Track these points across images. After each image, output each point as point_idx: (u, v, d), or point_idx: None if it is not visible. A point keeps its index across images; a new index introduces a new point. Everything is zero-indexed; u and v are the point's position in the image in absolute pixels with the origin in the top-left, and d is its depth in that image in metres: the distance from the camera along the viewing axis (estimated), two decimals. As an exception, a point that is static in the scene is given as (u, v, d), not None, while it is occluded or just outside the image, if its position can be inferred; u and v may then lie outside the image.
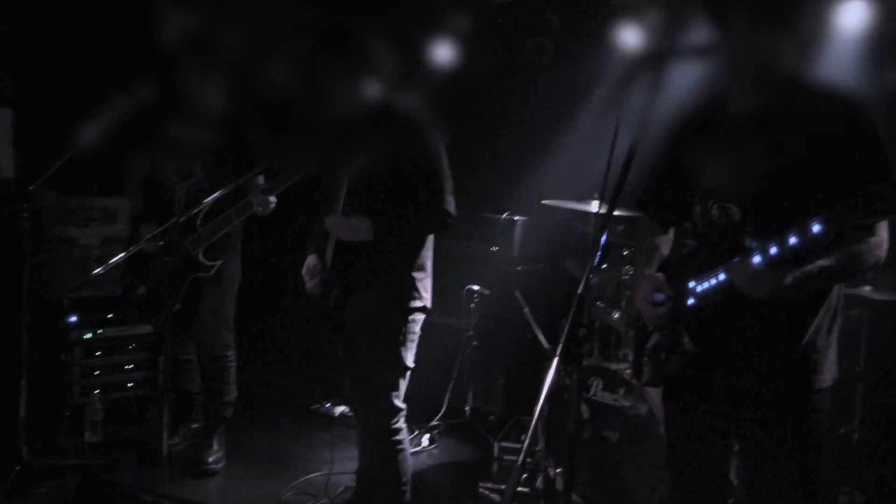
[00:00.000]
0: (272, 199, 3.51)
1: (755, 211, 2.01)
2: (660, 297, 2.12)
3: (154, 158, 3.83)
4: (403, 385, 3.03)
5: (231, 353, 3.91)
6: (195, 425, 4.18)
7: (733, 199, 2.07)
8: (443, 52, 4.98)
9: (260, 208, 3.53)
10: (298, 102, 3.32)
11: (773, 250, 1.77)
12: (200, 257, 3.67)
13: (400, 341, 2.99)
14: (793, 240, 1.75)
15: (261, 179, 3.82)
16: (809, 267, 1.86)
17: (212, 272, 3.72)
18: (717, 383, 2.11)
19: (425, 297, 3.06)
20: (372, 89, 2.96)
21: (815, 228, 1.72)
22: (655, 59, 2.03)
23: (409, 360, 3.02)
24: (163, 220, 3.37)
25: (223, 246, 3.77)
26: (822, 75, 2.04)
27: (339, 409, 4.79)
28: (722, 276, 1.97)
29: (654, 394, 3.34)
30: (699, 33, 2.11)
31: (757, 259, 1.79)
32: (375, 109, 2.90)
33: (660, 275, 2.18)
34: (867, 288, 3.64)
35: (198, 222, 3.64)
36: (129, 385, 4.42)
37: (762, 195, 2.00)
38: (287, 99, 3.32)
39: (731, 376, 2.08)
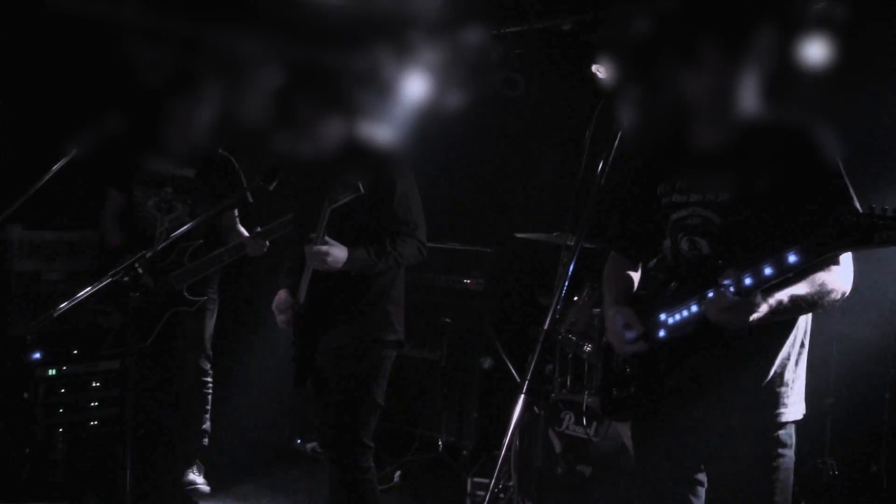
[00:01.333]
0: (266, 242, 3.59)
1: (724, 243, 2.02)
2: (631, 334, 2.12)
3: (132, 192, 3.80)
4: (373, 422, 2.99)
5: (208, 381, 3.95)
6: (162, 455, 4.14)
7: (702, 233, 2.08)
8: (414, 87, 5.02)
9: (253, 251, 3.62)
10: (275, 137, 3.34)
11: (748, 281, 1.77)
12: (185, 293, 3.67)
13: (372, 377, 2.96)
14: (768, 270, 1.76)
15: (235, 214, 3.84)
16: (781, 296, 1.86)
17: (195, 307, 3.71)
18: (686, 416, 2.11)
19: (399, 331, 3.05)
20: (346, 125, 2.97)
21: (791, 259, 1.72)
22: (624, 94, 2.05)
23: (380, 397, 2.99)
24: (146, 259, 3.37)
25: (205, 281, 3.80)
26: (786, 113, 2.08)
27: (311, 445, 4.72)
28: (694, 308, 1.97)
29: (623, 428, 3.33)
30: (667, 68, 2.14)
31: (731, 291, 1.78)
32: (351, 144, 2.92)
33: (630, 310, 2.18)
34: (835, 320, 3.67)
35: (186, 257, 3.66)
36: (93, 423, 4.32)
37: (730, 228, 2.02)
38: (264, 134, 3.33)
39: (699, 408, 2.08)
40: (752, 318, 1.83)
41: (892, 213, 1.60)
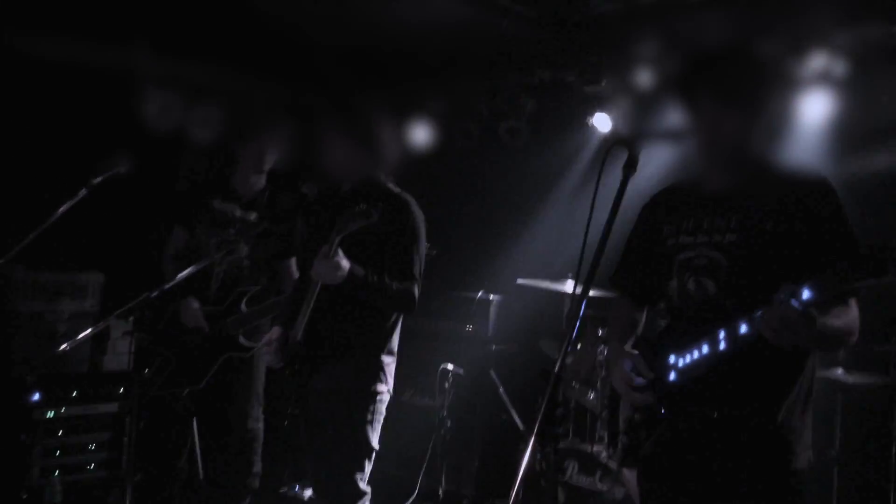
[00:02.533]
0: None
1: (731, 284, 2.04)
2: (640, 381, 2.12)
3: (195, 230, 3.79)
4: (368, 467, 2.95)
5: (260, 426, 3.89)
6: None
7: (708, 273, 2.10)
8: (421, 133, 5.09)
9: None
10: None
11: (807, 294, 1.75)
12: (241, 339, 3.63)
13: (367, 420, 2.93)
14: (807, 294, 1.75)
15: (293, 261, 3.79)
16: (823, 321, 1.85)
17: (248, 354, 3.68)
18: (694, 463, 2.09)
19: (390, 383, 3.02)
20: (365, 163, 3.03)
21: (805, 294, 1.72)
22: (629, 142, 2.09)
23: (375, 440, 2.96)
24: (197, 292, 3.43)
25: (260, 327, 3.73)
26: (788, 160, 2.13)
27: (308, 492, 4.65)
28: (705, 349, 1.98)
29: (631, 476, 3.28)
30: (671, 117, 2.19)
31: (795, 303, 1.77)
32: (366, 183, 2.96)
33: (639, 355, 2.18)
34: (839, 371, 3.66)
35: (243, 303, 3.63)
36: (90, 466, 4.26)
37: (737, 270, 2.04)
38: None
39: (710, 455, 2.07)
40: (809, 334, 1.79)
41: None
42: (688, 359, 2.02)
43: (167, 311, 3.62)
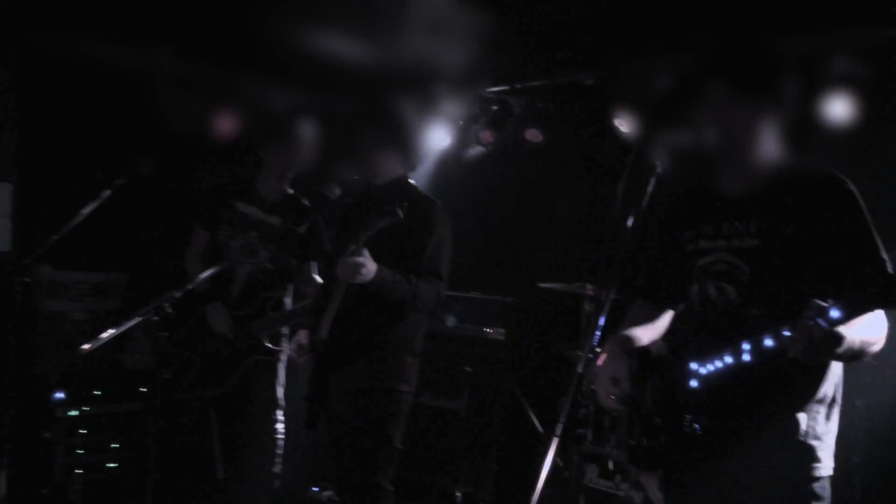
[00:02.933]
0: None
1: (752, 290, 2.03)
2: (616, 391, 2.16)
3: (217, 231, 3.81)
4: (391, 467, 2.97)
5: (281, 427, 3.88)
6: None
7: (729, 279, 2.09)
8: (441, 136, 5.10)
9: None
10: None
11: (835, 314, 1.73)
12: (266, 342, 3.64)
13: (389, 420, 2.95)
14: (836, 312, 1.74)
15: (313, 266, 3.81)
16: (855, 335, 1.82)
17: (274, 357, 3.70)
18: (717, 468, 2.08)
19: (413, 383, 3.05)
20: (394, 165, 3.08)
21: (833, 314, 1.71)
22: (649, 143, 2.08)
23: (397, 440, 2.97)
24: (223, 296, 3.47)
25: (280, 331, 3.76)
26: (810, 162, 2.11)
27: (327, 493, 4.67)
28: (728, 360, 1.96)
29: (650, 480, 3.27)
30: (690, 117, 2.18)
31: (823, 322, 1.76)
32: (395, 185, 3.01)
33: (625, 364, 2.19)
34: (863, 377, 3.63)
35: (268, 308, 3.66)
36: (112, 465, 4.30)
37: (759, 276, 2.03)
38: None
39: (731, 461, 2.06)
40: (836, 352, 1.78)
41: None
42: (710, 367, 2.01)
43: (191, 312, 3.64)
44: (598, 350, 3.83)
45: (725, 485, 2.07)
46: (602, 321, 1.94)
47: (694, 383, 2.05)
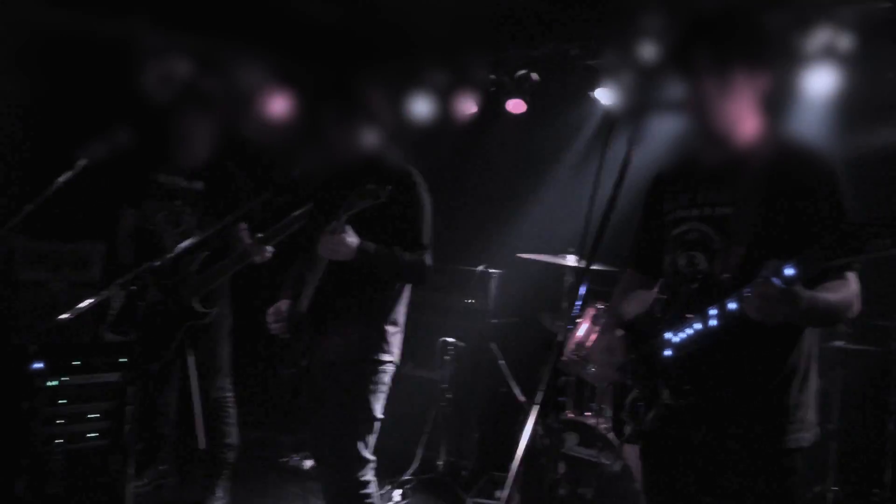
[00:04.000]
0: (269, 248, 3.58)
1: (720, 258, 2.04)
2: (623, 363, 2.17)
3: (141, 206, 3.80)
4: (372, 437, 2.98)
5: (230, 396, 3.91)
6: (162, 467, 4.15)
7: (701, 248, 2.10)
8: (421, 106, 5.06)
9: (257, 257, 3.58)
10: (296, 150, 3.37)
11: (789, 272, 1.73)
12: (196, 305, 3.65)
13: (370, 390, 2.95)
14: (790, 270, 1.74)
15: (244, 226, 3.81)
16: (816, 296, 1.84)
17: (207, 320, 3.71)
18: (694, 439, 2.11)
19: (395, 353, 3.03)
20: (367, 138, 3.01)
21: (787, 271, 1.71)
22: (633, 114, 2.08)
23: (379, 410, 2.98)
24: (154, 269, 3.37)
25: (217, 293, 3.79)
26: (790, 135, 2.11)
27: (309, 462, 4.69)
28: (697, 326, 1.97)
29: (630, 450, 3.32)
30: (672, 88, 2.17)
31: (777, 280, 1.76)
32: (369, 158, 2.95)
33: (619, 336, 2.20)
34: (839, 343, 3.68)
35: (193, 270, 3.66)
36: (92, 434, 4.29)
37: (727, 242, 2.04)
38: (286, 147, 3.37)
39: (708, 432, 2.08)
40: (792, 311, 1.78)
41: (884, 220, 1.58)
42: (683, 335, 2.02)
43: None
44: (578, 320, 3.87)
45: (700, 456, 2.10)
46: (582, 292, 1.95)
47: (668, 352, 2.06)
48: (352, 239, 2.80)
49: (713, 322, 1.92)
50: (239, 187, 3.86)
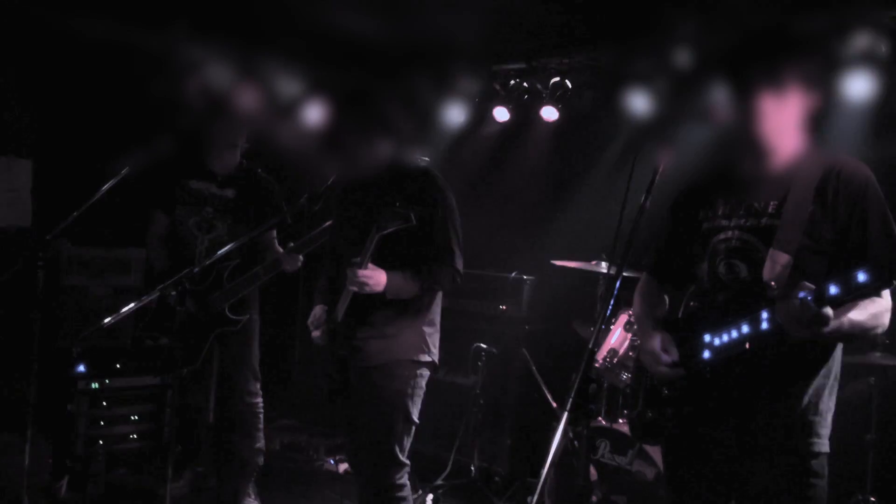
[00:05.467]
0: (300, 257, 3.65)
1: (765, 267, 2.05)
2: (666, 358, 2.15)
3: (173, 212, 3.89)
4: (408, 440, 3.01)
5: (259, 401, 3.98)
6: (199, 469, 4.23)
7: (742, 256, 2.11)
8: (454, 114, 5.09)
9: (288, 267, 3.66)
10: (320, 160, 3.42)
11: (832, 291, 1.76)
12: (227, 312, 3.74)
13: (407, 394, 2.98)
14: (834, 288, 1.76)
15: (273, 234, 3.91)
16: (844, 316, 1.88)
17: (238, 326, 3.79)
18: (718, 441, 2.12)
19: (434, 353, 3.07)
20: (389, 148, 3.05)
21: (861, 278, 1.73)
22: (664, 123, 2.09)
23: (415, 414, 3.01)
24: (185, 274, 3.44)
25: (247, 300, 3.85)
26: (829, 143, 2.11)
27: (344, 465, 4.74)
28: (745, 329, 1.99)
29: (654, 453, 3.31)
30: (708, 99, 2.18)
31: (812, 301, 1.79)
32: (395, 167, 2.99)
33: (668, 335, 2.20)
34: (877, 355, 3.63)
35: (224, 277, 3.74)
36: (133, 437, 4.40)
37: (772, 252, 2.05)
38: (310, 156, 3.41)
39: (734, 434, 2.09)
40: (824, 331, 1.82)
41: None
42: (725, 338, 2.04)
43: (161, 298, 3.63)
44: (610, 327, 3.86)
45: (724, 458, 2.11)
46: (613, 300, 1.97)
47: (707, 354, 2.08)
48: (379, 277, 2.85)
49: (765, 325, 1.95)
50: (269, 195, 3.93)
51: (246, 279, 3.73)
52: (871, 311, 1.95)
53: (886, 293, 2.00)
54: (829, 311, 1.78)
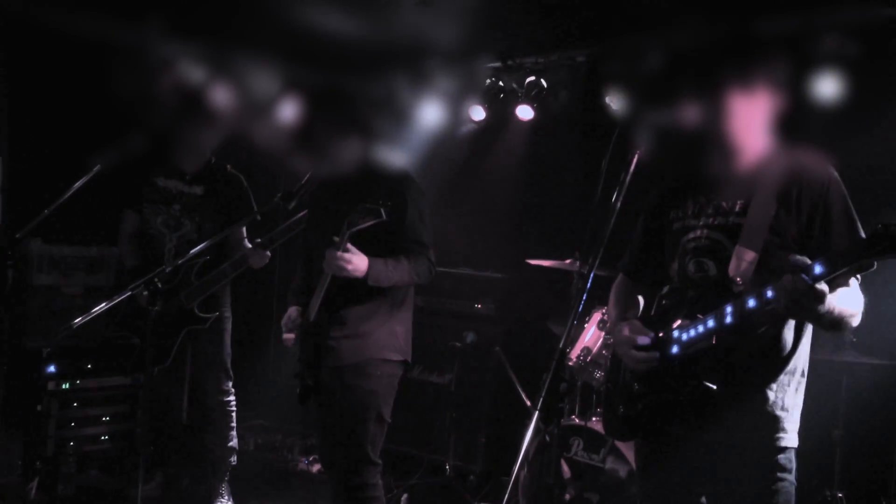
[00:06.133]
0: (267, 253, 3.61)
1: (732, 265, 2.07)
2: (643, 339, 2.16)
3: (142, 210, 3.85)
4: (380, 440, 3.01)
5: (231, 399, 3.95)
6: (171, 470, 4.20)
7: (710, 255, 2.13)
8: (430, 113, 5.10)
9: (255, 263, 3.63)
10: (293, 158, 3.40)
11: (818, 269, 1.78)
12: (196, 310, 3.71)
13: (380, 393, 2.98)
14: (819, 268, 1.79)
15: (243, 231, 3.88)
16: (833, 300, 1.88)
17: (207, 324, 3.76)
18: (687, 437, 2.14)
19: (406, 352, 3.08)
20: (363, 147, 3.05)
21: (818, 269, 1.77)
22: (638, 122, 2.11)
23: (387, 413, 3.02)
24: (155, 273, 3.38)
25: (217, 297, 3.83)
26: (796, 143, 2.14)
27: (318, 466, 4.73)
28: (710, 324, 2.01)
29: (627, 449, 3.34)
30: (680, 100, 2.20)
31: (806, 277, 1.80)
32: (366, 165, 2.99)
33: (639, 323, 2.23)
34: (847, 354, 3.69)
35: (192, 275, 3.70)
36: (104, 438, 4.35)
37: (739, 250, 2.07)
38: (282, 154, 3.40)
39: (704, 429, 2.11)
40: (816, 308, 1.83)
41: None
42: (692, 332, 2.06)
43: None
44: (584, 325, 3.88)
45: (696, 453, 2.13)
46: (585, 297, 1.98)
47: (675, 349, 2.10)
48: (360, 261, 2.85)
49: (729, 319, 1.97)
50: (238, 191, 3.91)
51: (214, 276, 3.70)
52: (852, 303, 1.99)
53: (856, 287, 2.03)
54: (823, 286, 1.79)
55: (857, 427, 3.83)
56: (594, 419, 3.72)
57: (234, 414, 3.96)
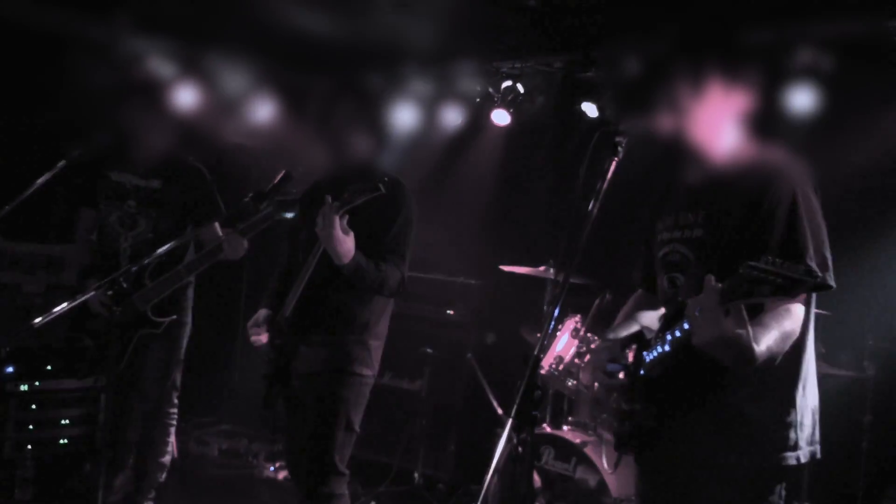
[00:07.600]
0: (245, 242, 3.37)
1: (697, 281, 2.03)
2: (612, 367, 2.12)
3: (99, 207, 3.67)
4: (348, 449, 2.95)
5: (173, 412, 3.72)
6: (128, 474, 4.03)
7: (680, 269, 2.11)
8: (405, 117, 5.06)
9: (230, 252, 3.38)
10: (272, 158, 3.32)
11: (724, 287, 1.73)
12: (149, 313, 3.45)
13: (349, 402, 2.92)
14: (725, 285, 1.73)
15: (217, 229, 3.66)
16: (756, 328, 1.80)
17: (160, 329, 3.51)
18: (679, 454, 2.10)
19: (375, 367, 3.02)
20: (334, 149, 2.99)
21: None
22: (614, 132, 2.08)
23: (357, 423, 2.96)
24: (107, 272, 3.18)
25: (174, 301, 3.58)
26: (768, 154, 2.09)
27: (283, 473, 4.65)
28: (667, 347, 1.97)
29: (606, 464, 3.31)
30: (657, 108, 2.17)
31: (698, 311, 1.76)
32: (359, 167, 2.93)
33: (618, 344, 2.18)
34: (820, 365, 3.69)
35: (146, 276, 3.42)
36: (63, 441, 4.23)
37: (702, 265, 2.03)
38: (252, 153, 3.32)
39: (680, 445, 2.08)
40: (722, 331, 1.74)
41: (772, 266, 1.59)
42: (654, 353, 2.02)
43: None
44: (557, 333, 3.85)
45: (687, 470, 2.09)
46: (558, 306, 1.94)
47: (642, 371, 2.07)
48: (350, 242, 2.75)
49: (678, 333, 1.91)
50: (199, 184, 3.65)
51: (168, 278, 3.42)
52: (781, 331, 1.88)
53: (796, 308, 1.93)
54: (739, 306, 1.71)
55: (823, 440, 3.84)
56: (565, 428, 3.69)
57: (172, 429, 3.71)
